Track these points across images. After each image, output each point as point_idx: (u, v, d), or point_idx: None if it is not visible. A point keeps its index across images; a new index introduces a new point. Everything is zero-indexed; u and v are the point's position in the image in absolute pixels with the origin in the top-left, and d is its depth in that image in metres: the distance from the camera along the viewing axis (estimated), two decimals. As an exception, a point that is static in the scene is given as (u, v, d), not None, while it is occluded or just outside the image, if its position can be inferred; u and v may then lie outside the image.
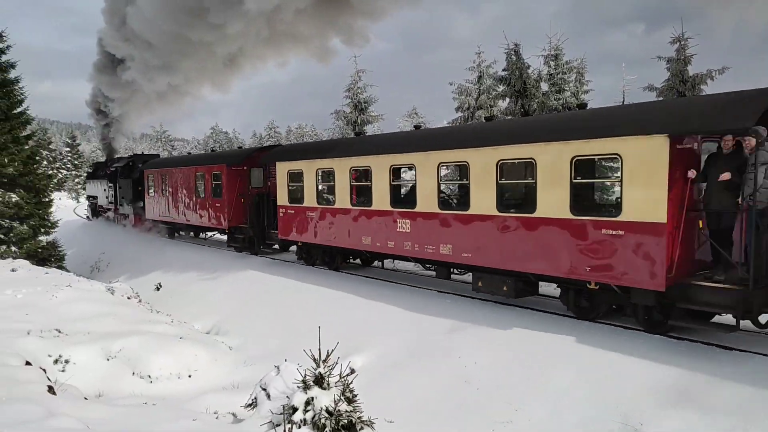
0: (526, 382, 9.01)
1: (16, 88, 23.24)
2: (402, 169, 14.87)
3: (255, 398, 7.99)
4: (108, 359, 11.22)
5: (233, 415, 8.48)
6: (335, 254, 17.46)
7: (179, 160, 29.00)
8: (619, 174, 9.50)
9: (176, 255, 23.31)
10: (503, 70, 22.77)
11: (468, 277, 13.95)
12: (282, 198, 18.59)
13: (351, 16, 20.13)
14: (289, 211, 18.27)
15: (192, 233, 28.32)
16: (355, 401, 6.53)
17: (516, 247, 11.12)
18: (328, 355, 6.70)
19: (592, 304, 10.79)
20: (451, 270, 14.01)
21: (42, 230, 23.26)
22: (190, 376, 11.59)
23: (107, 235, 32.14)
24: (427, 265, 15.17)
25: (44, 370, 9.74)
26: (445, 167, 13.54)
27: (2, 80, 22.55)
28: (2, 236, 21.69)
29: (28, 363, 9.50)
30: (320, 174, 16.75)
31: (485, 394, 9.08)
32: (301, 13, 19.32)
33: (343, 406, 6.31)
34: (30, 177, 22.93)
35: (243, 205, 21.53)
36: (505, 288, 11.76)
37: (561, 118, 12.55)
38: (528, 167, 10.99)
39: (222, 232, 23.94)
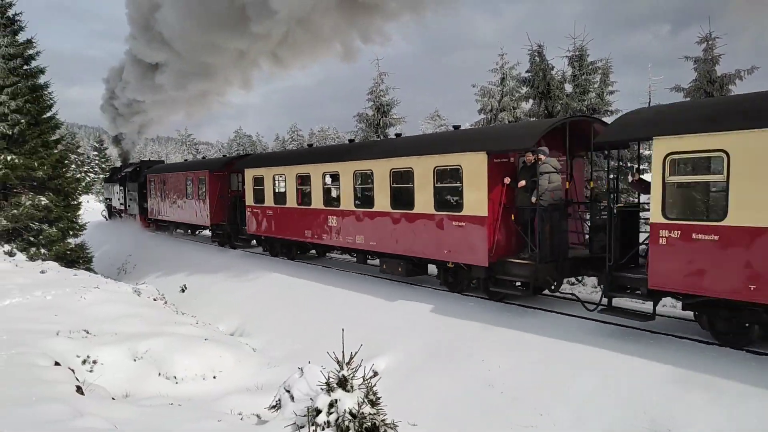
0: (551, 386, 8.92)
1: (46, 93, 23.75)
2: (332, 175, 17.48)
3: (279, 400, 8.03)
4: (135, 360, 11.36)
5: (257, 416, 8.55)
6: (291, 246, 20.52)
7: (174, 166, 33.23)
8: (460, 180, 12.61)
9: (191, 256, 23.57)
10: (526, 71, 22.60)
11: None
12: (249, 199, 21.74)
13: (369, 16, 20.40)
14: (254, 210, 21.46)
15: (189, 231, 31.87)
16: (379, 404, 6.51)
17: (404, 236, 14.32)
18: (351, 358, 6.70)
19: (456, 279, 13.76)
20: (367, 256, 17.39)
21: (71, 232, 23.69)
22: (214, 377, 11.69)
23: (120, 233, 34.82)
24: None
25: (72, 371, 9.90)
26: (359, 174, 16.03)
27: (32, 86, 23.04)
28: (32, 238, 22.13)
29: (57, 363, 9.67)
30: (275, 179, 20.08)
31: (509, 397, 9.02)
32: (325, 15, 19.56)
33: (367, 409, 6.30)
34: (59, 180, 23.40)
35: (222, 205, 24.85)
36: (400, 269, 14.85)
37: (431, 138, 16.60)
38: (409, 174, 14.03)
39: (206, 228, 27.78)
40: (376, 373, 8.57)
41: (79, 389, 8.69)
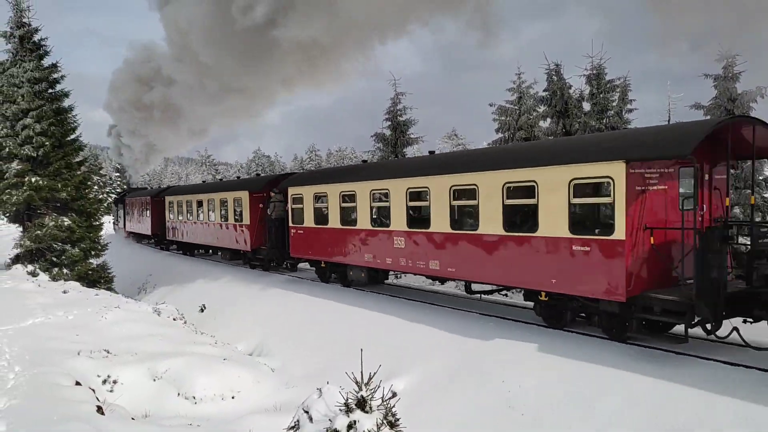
0: (573, 407, 8.77)
1: (70, 116, 24.18)
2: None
3: (297, 421, 7.98)
4: (154, 380, 11.41)
5: (276, 437, 8.50)
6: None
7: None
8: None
9: (214, 276, 23.70)
10: (544, 90, 22.60)
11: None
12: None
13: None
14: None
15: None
16: (398, 425, 6.47)
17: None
18: (370, 378, 6.67)
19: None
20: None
21: (92, 253, 23.96)
22: (233, 398, 11.69)
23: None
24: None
25: (93, 390, 9.97)
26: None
27: (56, 109, 23.50)
28: (55, 259, 22.43)
29: (77, 383, 9.75)
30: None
31: (530, 419, 8.88)
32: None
33: (386, 430, 6.26)
34: (82, 201, 23.75)
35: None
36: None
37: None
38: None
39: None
40: (395, 394, 8.49)
41: (99, 409, 8.74)
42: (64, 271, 22.20)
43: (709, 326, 9.36)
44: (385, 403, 6.57)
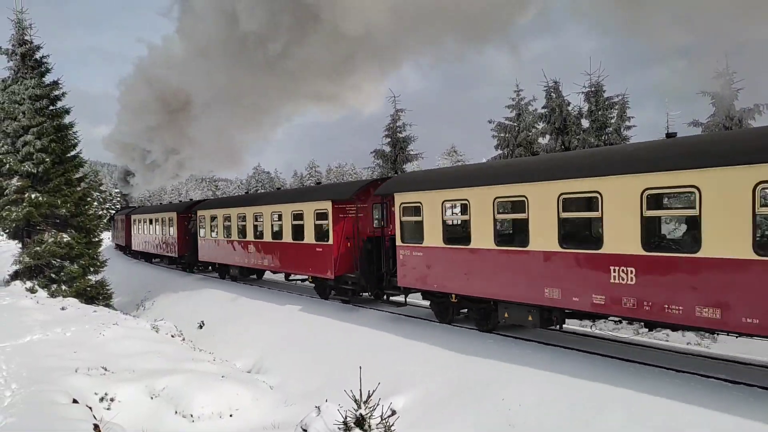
0: (573, 425, 8.70)
1: (70, 132, 24.28)
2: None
3: (296, 439, 7.93)
4: (152, 397, 11.33)
5: (274, 456, 8.43)
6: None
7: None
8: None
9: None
10: (543, 107, 22.75)
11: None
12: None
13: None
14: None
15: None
16: (397, 444, 6.41)
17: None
18: (369, 396, 6.63)
19: None
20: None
21: (91, 269, 23.92)
22: (231, 416, 11.59)
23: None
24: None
25: (90, 408, 9.89)
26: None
27: (57, 125, 23.61)
28: (53, 275, 22.40)
29: (75, 401, 9.68)
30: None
31: (530, 438, 8.80)
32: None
33: (385, 449, 6.21)
34: (81, 218, 23.76)
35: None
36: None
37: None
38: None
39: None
40: (394, 412, 8.44)
41: (96, 427, 8.67)
42: (63, 287, 22.17)
43: None
44: (384, 421, 6.52)
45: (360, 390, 6.60)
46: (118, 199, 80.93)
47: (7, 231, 24.25)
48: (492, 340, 12.67)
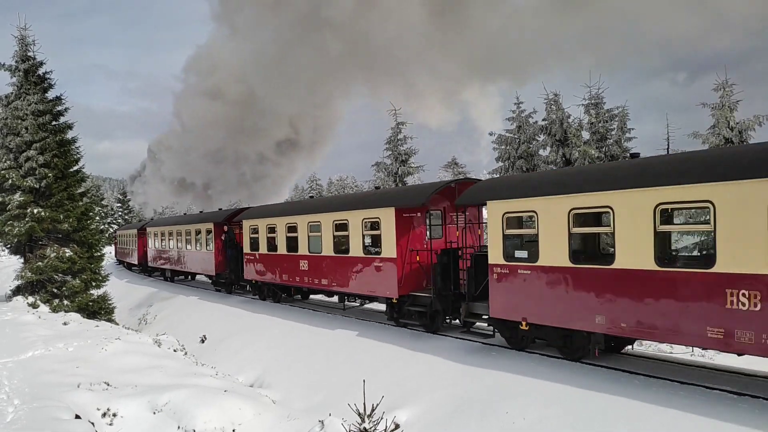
0: (578, 440, 8.65)
1: (73, 147, 24.38)
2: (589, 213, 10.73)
3: (299, 454, 7.89)
4: (154, 413, 11.26)
5: (277, 471, 8.38)
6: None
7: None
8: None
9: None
10: (543, 119, 22.84)
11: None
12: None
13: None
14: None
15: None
16: (401, 458, 6.38)
17: None
18: (373, 410, 6.61)
19: None
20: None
21: (93, 284, 23.92)
22: (234, 431, 11.52)
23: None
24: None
25: (93, 424, 9.85)
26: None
27: (60, 141, 23.71)
28: (55, 290, 22.39)
29: (77, 416, 9.64)
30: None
31: (535, 451, 8.75)
32: None
33: (389, 464, 6.18)
34: (83, 233, 23.79)
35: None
36: None
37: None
38: None
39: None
40: (397, 426, 8.42)
41: (98, 443, 8.64)
42: (65, 302, 22.16)
43: None
44: (388, 435, 6.50)
45: (364, 404, 6.58)
46: (120, 213, 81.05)
47: (9, 246, 24.28)
48: (495, 352, 12.65)
